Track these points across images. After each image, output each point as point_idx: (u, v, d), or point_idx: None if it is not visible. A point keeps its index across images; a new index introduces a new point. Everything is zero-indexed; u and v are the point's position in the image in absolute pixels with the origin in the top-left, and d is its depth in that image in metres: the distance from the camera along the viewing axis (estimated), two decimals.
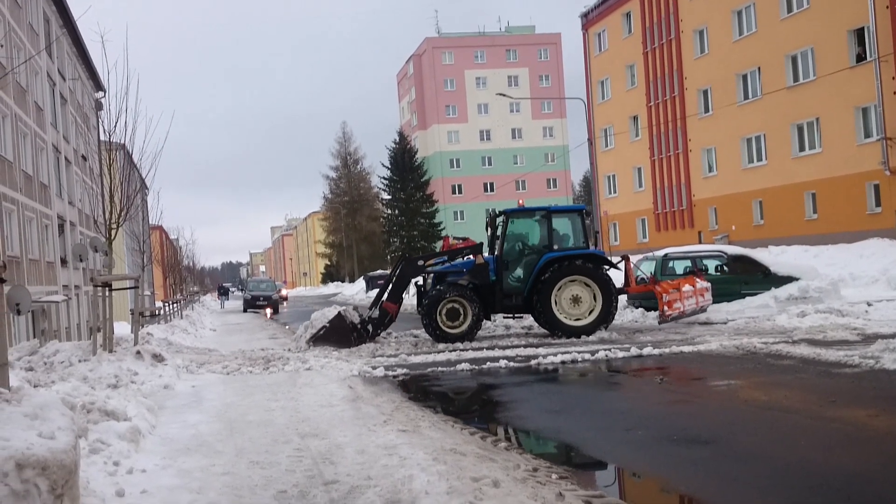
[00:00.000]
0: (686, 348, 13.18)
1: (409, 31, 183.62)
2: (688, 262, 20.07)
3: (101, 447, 6.23)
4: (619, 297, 17.41)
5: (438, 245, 49.81)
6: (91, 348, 12.15)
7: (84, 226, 36.53)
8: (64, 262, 31.11)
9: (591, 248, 17.49)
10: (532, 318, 17.73)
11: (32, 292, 18.61)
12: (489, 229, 18.06)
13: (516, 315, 18.32)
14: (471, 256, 17.60)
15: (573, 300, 16.54)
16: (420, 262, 18.31)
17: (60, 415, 4.69)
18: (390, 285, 17.59)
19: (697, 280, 18.30)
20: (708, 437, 7.14)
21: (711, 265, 19.99)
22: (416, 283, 18.61)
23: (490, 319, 18.26)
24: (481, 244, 18.01)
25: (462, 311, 16.74)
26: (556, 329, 16.52)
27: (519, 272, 17.31)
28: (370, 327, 17.13)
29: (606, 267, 17.16)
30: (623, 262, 18.03)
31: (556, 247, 17.07)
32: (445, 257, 18.22)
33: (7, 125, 23.70)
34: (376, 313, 17.31)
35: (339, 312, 17.08)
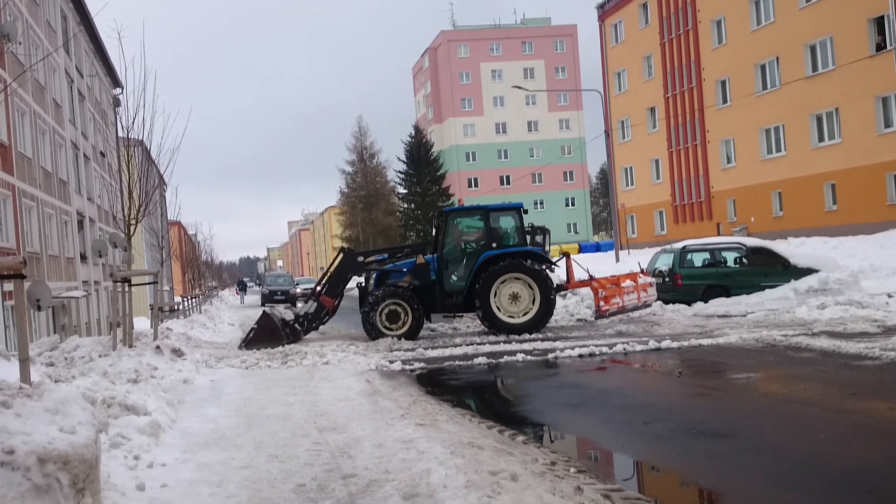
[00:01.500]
0: (705, 341, 13.11)
1: (425, 25, 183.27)
2: (707, 255, 19.95)
3: (122, 441, 6.29)
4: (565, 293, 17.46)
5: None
6: (111, 343, 12.27)
7: (103, 222, 36.80)
8: (83, 257, 31.37)
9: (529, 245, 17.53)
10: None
11: (52, 288, 18.77)
12: (432, 229, 18.05)
13: (456, 315, 18.26)
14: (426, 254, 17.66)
15: (512, 298, 16.59)
16: (360, 258, 18.28)
17: (81, 409, 4.73)
18: (326, 279, 17.56)
19: (640, 276, 18.65)
20: (727, 430, 7.10)
21: (730, 257, 19.85)
22: (358, 283, 18.66)
23: (430, 320, 18.22)
24: (425, 244, 18.04)
25: (402, 314, 16.83)
26: (495, 327, 16.58)
27: (459, 271, 17.35)
28: (305, 322, 17.10)
29: (546, 264, 17.26)
30: (564, 259, 18.24)
31: (494, 245, 17.10)
32: (386, 255, 18.31)
33: (26, 122, 23.90)
34: (312, 308, 17.28)
35: (265, 312, 16.97)
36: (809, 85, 32.19)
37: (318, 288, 17.70)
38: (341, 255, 18.00)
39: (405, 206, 73.39)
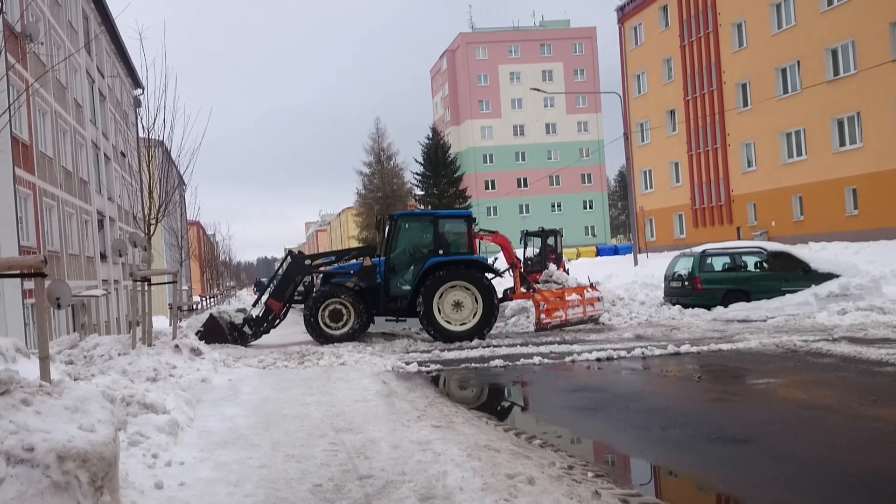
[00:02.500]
0: (725, 346, 13.02)
1: (443, 28, 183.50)
2: (727, 259, 19.80)
3: (141, 440, 6.32)
4: (530, 301, 17.66)
5: None
6: (130, 342, 12.33)
7: (123, 221, 37.11)
8: (103, 257, 31.63)
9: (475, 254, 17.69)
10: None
11: (72, 287, 18.96)
12: (381, 232, 18.06)
13: (399, 318, 18.22)
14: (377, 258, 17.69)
15: (455, 305, 16.67)
16: (307, 262, 18.27)
17: (100, 407, 4.76)
18: (274, 283, 17.58)
19: (588, 290, 18.61)
20: (746, 436, 7.04)
21: (751, 261, 19.70)
22: (302, 284, 18.67)
23: (373, 322, 18.21)
24: (374, 247, 18.07)
25: (345, 313, 16.90)
26: (436, 333, 16.62)
27: (405, 276, 17.45)
28: (254, 326, 17.14)
29: (491, 274, 17.40)
30: (512, 270, 18.38)
31: (441, 252, 17.14)
32: (333, 258, 18.32)
33: (47, 122, 24.12)
34: (260, 311, 17.29)
35: (212, 315, 16.97)
36: (831, 89, 31.90)
37: (265, 294, 17.76)
38: (288, 259, 17.95)
39: (422, 207, 73.45)
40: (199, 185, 68.50)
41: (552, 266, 24.28)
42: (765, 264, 19.43)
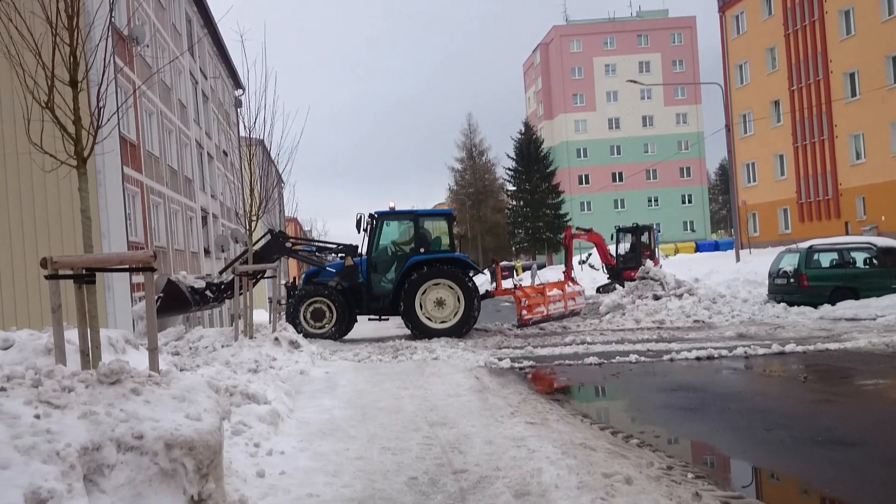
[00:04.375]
0: (832, 345, 12.49)
1: (536, 21, 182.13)
2: (835, 255, 18.95)
3: (243, 429, 6.51)
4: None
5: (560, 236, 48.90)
6: (233, 334, 12.76)
7: (225, 218, 38.38)
8: (207, 252, 32.80)
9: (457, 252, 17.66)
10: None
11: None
12: (362, 231, 17.86)
13: (382, 317, 18.10)
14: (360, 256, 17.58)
15: (437, 303, 16.76)
16: (288, 244, 18.01)
17: (206, 397, 4.91)
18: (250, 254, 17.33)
19: (569, 285, 19.06)
20: (855, 438, 6.75)
21: (860, 258, 18.82)
22: (285, 283, 18.62)
23: (356, 321, 18.14)
24: (356, 246, 17.91)
25: (327, 312, 16.93)
26: (419, 331, 16.65)
27: (387, 274, 17.48)
28: (216, 291, 16.82)
29: (471, 271, 17.42)
30: (494, 266, 18.57)
31: (422, 250, 17.16)
32: (314, 248, 18.11)
33: (154, 122, 25.15)
34: (228, 277, 17.12)
35: (169, 279, 16.31)
36: None
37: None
38: (269, 236, 17.79)
39: (514, 203, 73.20)
40: (297, 183, 70.26)
41: (648, 262, 23.83)
42: (874, 260, 18.51)
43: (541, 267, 48.54)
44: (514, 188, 72.59)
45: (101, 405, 4.40)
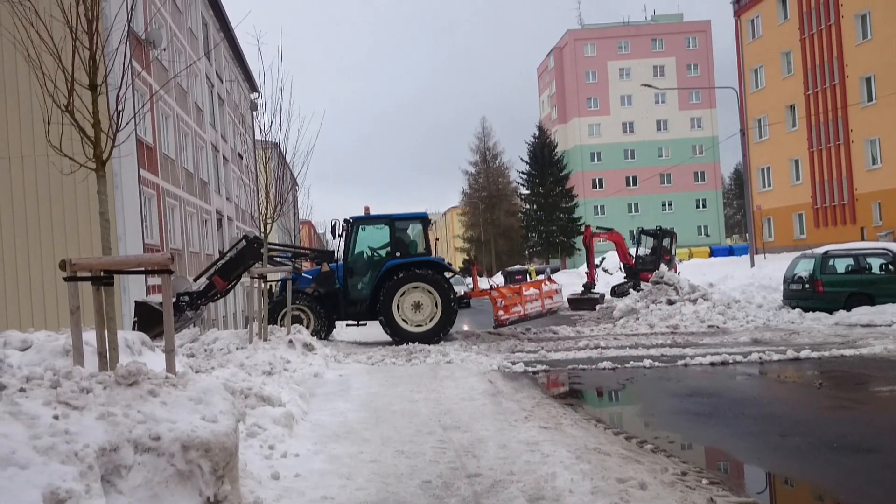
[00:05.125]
0: (847, 351, 12.41)
1: (550, 25, 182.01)
2: (850, 261, 18.81)
3: (258, 431, 6.55)
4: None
5: (578, 239, 48.93)
6: (248, 337, 12.82)
7: (240, 220, 38.56)
8: (222, 254, 32.93)
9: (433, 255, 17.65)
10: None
11: (193, 283, 19.81)
12: (337, 237, 17.87)
13: (360, 322, 18.06)
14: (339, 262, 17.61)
15: (415, 307, 16.77)
16: (263, 250, 17.85)
17: (222, 399, 4.94)
18: (224, 260, 17.16)
19: (546, 283, 19.18)
20: (871, 445, 6.71)
21: (876, 263, 18.66)
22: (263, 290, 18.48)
23: (334, 327, 18.15)
24: (332, 252, 17.87)
25: (305, 319, 16.93)
26: (397, 335, 16.63)
27: (364, 279, 17.48)
28: (190, 300, 16.51)
29: (448, 273, 17.42)
30: (470, 267, 18.82)
31: (398, 254, 17.19)
32: (290, 254, 18.12)
33: (170, 125, 25.31)
34: (203, 284, 17.04)
35: (137, 301, 16.11)
36: None
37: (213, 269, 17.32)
38: (244, 242, 17.52)
39: (527, 206, 73.15)
40: (311, 186, 70.49)
41: (664, 267, 23.75)
42: (890, 266, 18.36)
43: (554, 271, 48.53)
44: (528, 192, 72.54)
45: (118, 406, 4.44)
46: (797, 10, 40.65)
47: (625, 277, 29.32)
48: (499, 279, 50.10)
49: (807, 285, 18.68)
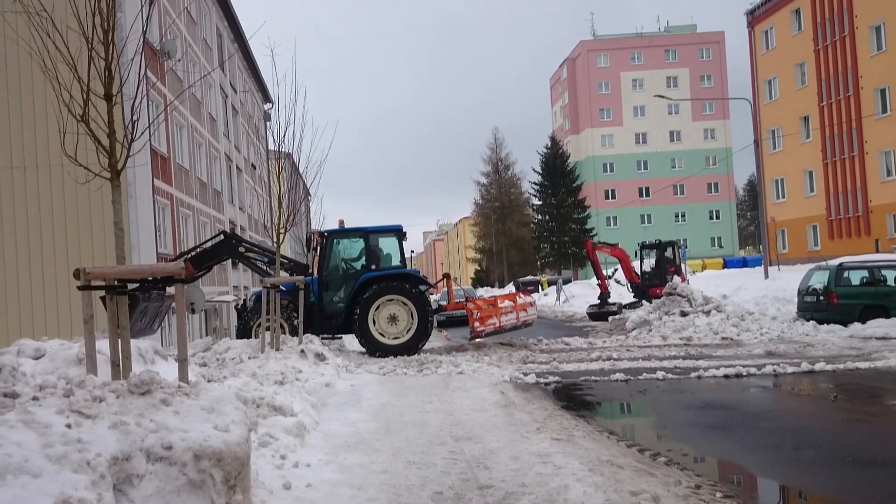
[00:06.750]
0: (862, 364, 12.31)
1: (563, 36, 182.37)
2: (865, 273, 18.67)
3: (270, 441, 6.54)
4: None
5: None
6: (260, 346, 12.84)
7: (253, 230, 38.69)
8: (234, 264, 33.03)
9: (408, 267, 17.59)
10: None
11: (205, 293, 19.90)
12: (311, 251, 17.77)
13: (335, 336, 17.97)
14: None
15: (391, 319, 16.69)
16: (241, 249, 17.61)
17: (234, 409, 4.94)
18: (199, 249, 17.07)
19: (520, 296, 19.38)
20: (886, 458, 6.64)
21: (891, 276, 18.50)
22: (235, 306, 18.41)
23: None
24: (307, 265, 17.76)
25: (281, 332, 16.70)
26: (373, 348, 16.56)
27: (339, 293, 17.37)
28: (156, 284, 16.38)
29: (424, 287, 17.40)
30: (445, 280, 18.92)
31: (373, 267, 17.15)
32: (266, 258, 18.02)
33: (184, 135, 25.46)
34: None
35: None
36: None
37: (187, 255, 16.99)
38: (222, 237, 17.53)
39: (539, 217, 73.04)
40: (324, 196, 70.54)
41: (676, 279, 23.63)
42: None
43: (566, 282, 48.35)
44: (540, 202, 72.43)
45: (131, 415, 4.44)
46: (811, 21, 40.54)
47: (633, 296, 28.94)
48: (510, 290, 50.01)
49: (821, 297, 18.54)
